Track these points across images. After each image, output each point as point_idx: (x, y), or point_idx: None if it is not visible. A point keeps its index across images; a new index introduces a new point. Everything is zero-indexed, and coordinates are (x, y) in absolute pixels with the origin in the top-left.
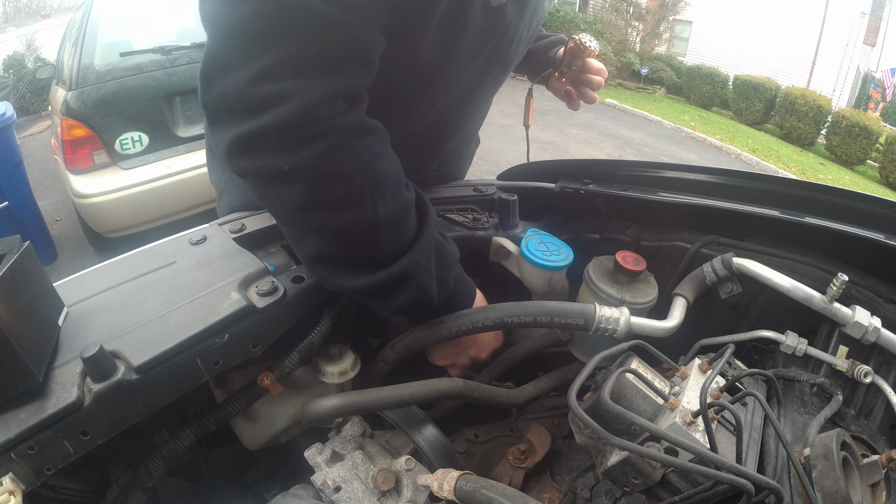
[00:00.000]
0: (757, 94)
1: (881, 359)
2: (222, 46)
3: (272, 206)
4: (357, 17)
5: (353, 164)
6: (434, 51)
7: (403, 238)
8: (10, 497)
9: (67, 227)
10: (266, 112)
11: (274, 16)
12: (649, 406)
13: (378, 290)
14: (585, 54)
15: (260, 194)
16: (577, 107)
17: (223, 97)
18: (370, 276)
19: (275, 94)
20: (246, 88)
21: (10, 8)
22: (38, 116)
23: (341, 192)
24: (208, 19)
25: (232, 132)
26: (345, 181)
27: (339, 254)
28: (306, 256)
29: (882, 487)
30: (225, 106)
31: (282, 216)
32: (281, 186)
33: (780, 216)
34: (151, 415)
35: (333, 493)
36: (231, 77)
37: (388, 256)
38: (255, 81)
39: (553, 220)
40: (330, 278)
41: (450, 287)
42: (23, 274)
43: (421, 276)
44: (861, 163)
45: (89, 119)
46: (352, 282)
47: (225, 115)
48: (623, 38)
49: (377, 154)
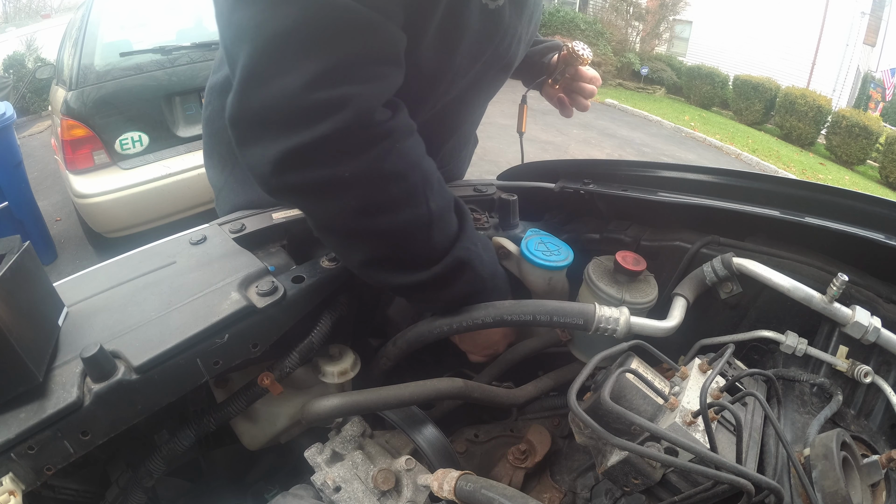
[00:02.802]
0: (757, 94)
1: (881, 359)
2: (265, 55)
3: (322, 217)
4: (387, 18)
5: (406, 163)
6: (433, 54)
7: (451, 230)
8: (10, 497)
9: (67, 227)
10: (323, 120)
11: (318, 20)
12: (649, 406)
13: (438, 282)
14: (578, 62)
15: (309, 208)
16: (570, 114)
17: (266, 109)
18: (428, 271)
19: (331, 101)
20: (297, 96)
21: (10, 8)
22: (38, 116)
23: (398, 192)
24: (244, 29)
25: (279, 146)
26: (401, 181)
27: (395, 254)
28: (360, 262)
29: (882, 487)
30: (266, 119)
31: (331, 226)
32: (337, 195)
33: (780, 216)
34: (151, 415)
35: (333, 493)
36: (276, 86)
37: (442, 249)
38: (307, 88)
39: (553, 220)
40: (387, 279)
41: (497, 269)
42: (23, 274)
43: (474, 261)
44: (861, 163)
45: (89, 119)
46: (411, 278)
47: (267, 130)
48: (623, 38)
49: (422, 153)
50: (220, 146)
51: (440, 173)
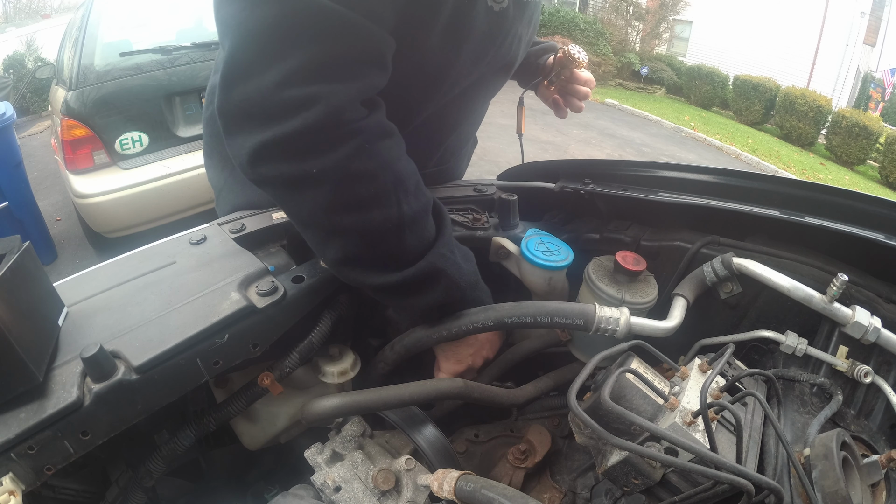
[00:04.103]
0: (757, 94)
1: (881, 359)
2: (244, 51)
3: (296, 212)
4: (370, 19)
5: (376, 164)
6: (438, 55)
7: (427, 235)
8: (10, 497)
9: (67, 227)
10: (293, 117)
11: (295, 19)
12: (649, 406)
13: (411, 287)
14: (574, 65)
15: (283, 200)
16: (564, 115)
17: (245, 102)
18: (399, 274)
19: (302, 99)
20: (271, 93)
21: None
22: (38, 116)
23: (367, 192)
24: (228, 25)
25: (255, 139)
26: (370, 181)
27: (367, 254)
28: (333, 259)
29: (882, 487)
30: (246, 112)
31: (306, 221)
32: (307, 191)
33: (780, 216)
34: (151, 415)
35: (333, 493)
36: (253, 82)
37: (415, 254)
38: (280, 86)
39: (553, 220)
40: (359, 278)
41: (475, 279)
42: (23, 274)
43: (450, 269)
44: (861, 163)
45: (89, 119)
46: (382, 279)
47: (246, 122)
48: (623, 38)
49: (398, 155)
50: (220, 146)
51: (438, 170)
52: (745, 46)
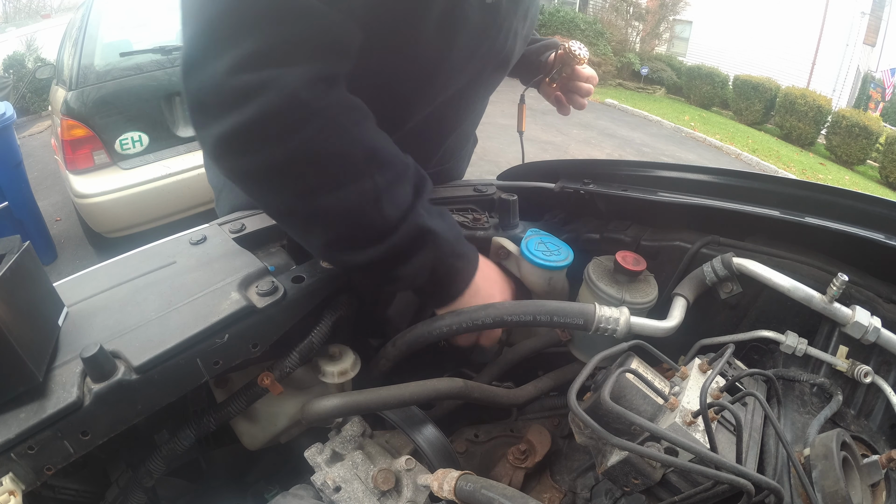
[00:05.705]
0: (757, 94)
1: (881, 359)
2: (199, 39)
3: (271, 204)
4: (330, 6)
5: (344, 140)
6: (432, 48)
7: (403, 200)
8: (10, 497)
9: (67, 227)
10: (247, 103)
11: (247, 6)
12: (649, 406)
13: (399, 254)
14: (575, 62)
15: (256, 194)
16: (567, 112)
17: (200, 92)
18: (384, 243)
19: (254, 84)
20: (223, 79)
21: (10, 8)
22: (38, 116)
23: (338, 170)
24: (188, 13)
25: (215, 131)
26: (340, 158)
27: (350, 232)
28: (318, 245)
29: (882, 487)
30: (202, 102)
31: (282, 212)
32: (277, 180)
33: (780, 216)
34: (151, 415)
35: (333, 493)
36: (208, 70)
37: (395, 219)
38: (231, 72)
39: (553, 220)
40: (348, 259)
41: (458, 232)
42: (23, 274)
43: (432, 225)
44: (861, 163)
45: (89, 119)
46: (370, 254)
47: (203, 113)
48: (623, 38)
49: (365, 127)
50: None
51: (438, 171)
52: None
